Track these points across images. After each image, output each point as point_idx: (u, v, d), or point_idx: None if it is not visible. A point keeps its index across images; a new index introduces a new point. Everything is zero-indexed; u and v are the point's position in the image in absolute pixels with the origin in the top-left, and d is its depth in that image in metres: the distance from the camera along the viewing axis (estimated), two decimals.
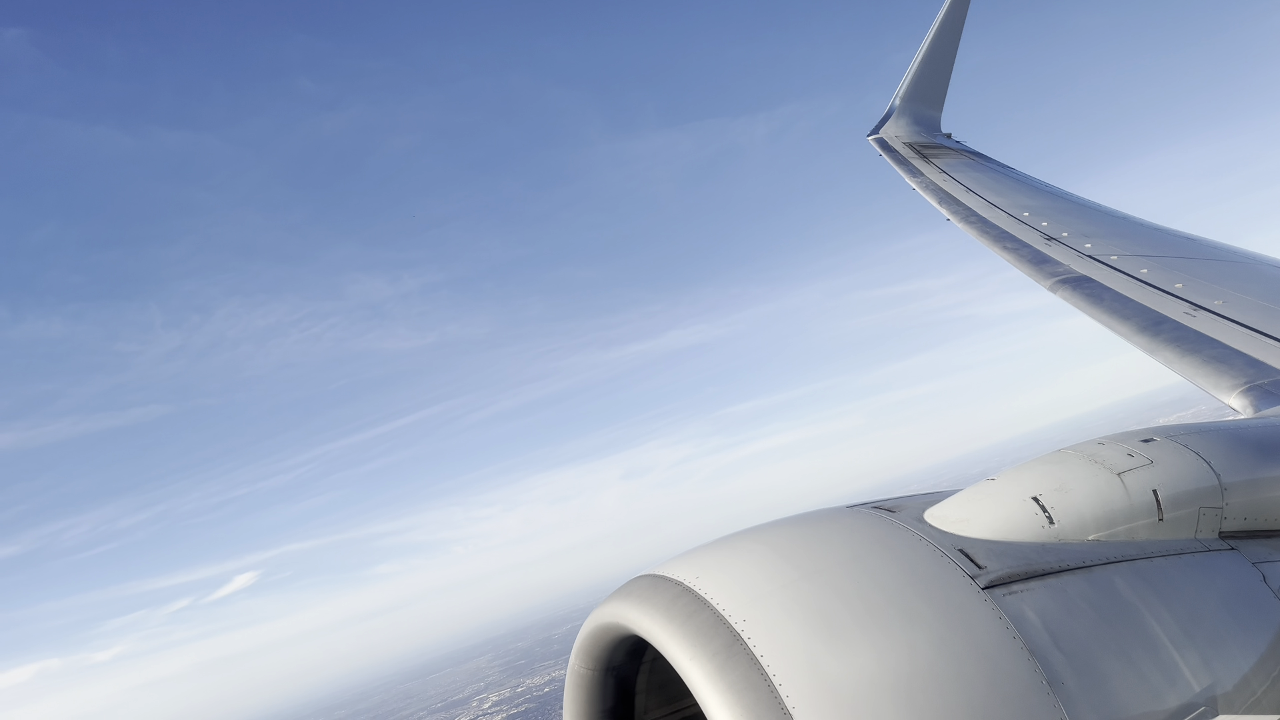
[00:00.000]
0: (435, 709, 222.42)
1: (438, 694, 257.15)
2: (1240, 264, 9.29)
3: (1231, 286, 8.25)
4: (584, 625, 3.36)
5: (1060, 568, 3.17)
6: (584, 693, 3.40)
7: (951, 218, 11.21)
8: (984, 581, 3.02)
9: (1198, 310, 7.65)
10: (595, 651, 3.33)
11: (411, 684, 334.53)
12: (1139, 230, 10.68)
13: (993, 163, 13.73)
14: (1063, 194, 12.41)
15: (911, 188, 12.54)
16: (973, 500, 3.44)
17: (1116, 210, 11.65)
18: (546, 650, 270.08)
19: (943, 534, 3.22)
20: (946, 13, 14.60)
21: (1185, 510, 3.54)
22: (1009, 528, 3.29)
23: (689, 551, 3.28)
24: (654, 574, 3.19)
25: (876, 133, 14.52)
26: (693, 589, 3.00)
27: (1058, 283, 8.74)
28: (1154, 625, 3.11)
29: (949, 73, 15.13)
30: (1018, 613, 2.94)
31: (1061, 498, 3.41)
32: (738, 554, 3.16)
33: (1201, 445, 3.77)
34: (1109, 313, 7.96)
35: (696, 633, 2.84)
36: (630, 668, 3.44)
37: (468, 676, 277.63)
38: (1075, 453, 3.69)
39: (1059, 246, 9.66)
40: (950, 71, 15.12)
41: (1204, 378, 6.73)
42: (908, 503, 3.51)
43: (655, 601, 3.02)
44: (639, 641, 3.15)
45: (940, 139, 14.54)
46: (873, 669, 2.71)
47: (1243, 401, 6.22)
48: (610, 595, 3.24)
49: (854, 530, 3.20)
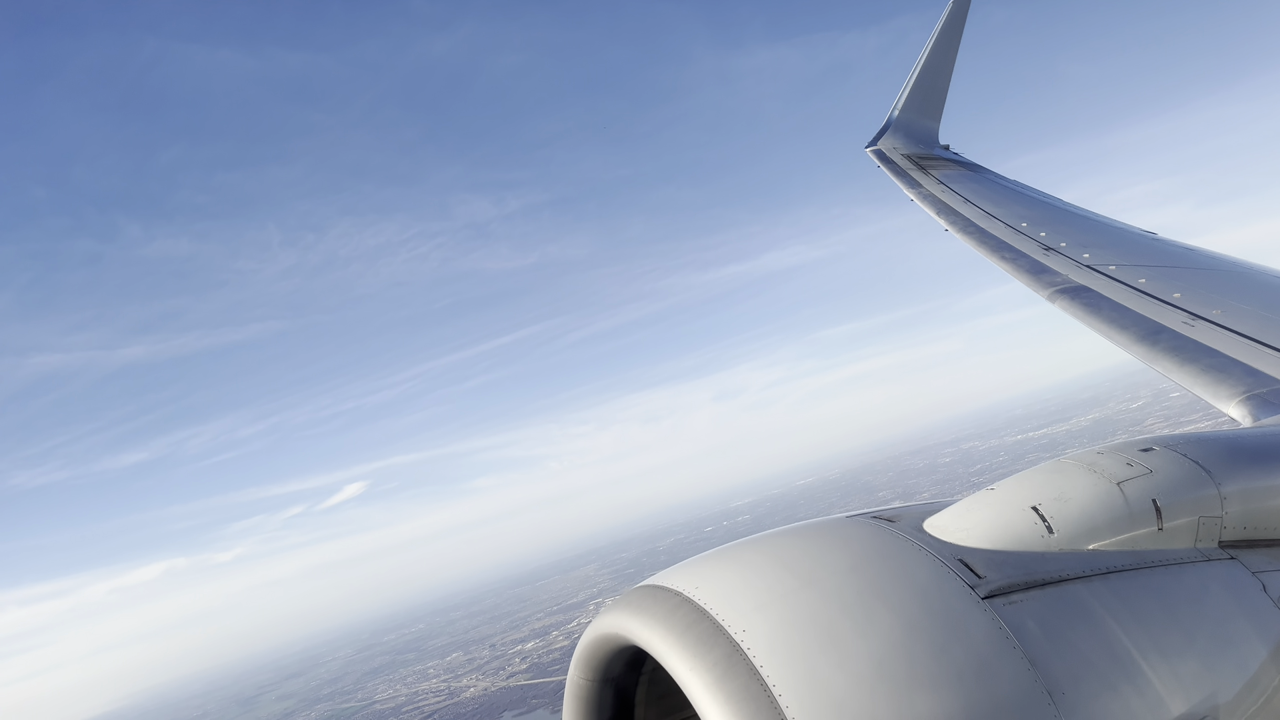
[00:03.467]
0: (551, 611, 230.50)
1: (550, 599, 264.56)
2: (1238, 274, 9.27)
3: (1229, 296, 8.21)
4: (583, 636, 3.35)
5: (1060, 577, 3.16)
6: (583, 704, 3.40)
7: (950, 228, 11.24)
8: (984, 591, 3.00)
9: (1196, 320, 7.59)
10: (594, 662, 3.31)
11: (521, 589, 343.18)
12: (1137, 241, 10.69)
13: (990, 174, 13.79)
14: (1060, 205, 12.46)
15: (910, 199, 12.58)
16: (972, 510, 3.45)
17: (1114, 221, 11.67)
18: (654, 561, 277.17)
19: (942, 543, 3.22)
20: (944, 26, 14.65)
21: (1185, 520, 3.53)
22: (1008, 537, 3.28)
23: (687, 561, 3.31)
24: (653, 584, 3.20)
25: (874, 144, 14.54)
26: (692, 599, 2.99)
27: (1056, 292, 8.72)
28: (1154, 635, 3.09)
29: (947, 85, 15.18)
30: (1018, 622, 2.93)
31: (1061, 507, 3.40)
32: (737, 564, 3.16)
33: (1200, 454, 3.76)
34: (1107, 322, 7.93)
35: (696, 643, 2.83)
36: (629, 678, 3.44)
37: (577, 583, 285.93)
38: (1074, 462, 3.71)
39: (1057, 256, 9.64)
40: (948, 84, 15.18)
41: (1202, 387, 6.71)
42: (907, 512, 3.51)
43: (654, 612, 3.00)
44: (638, 652, 3.13)
45: (938, 151, 14.59)
46: (872, 679, 2.69)
47: (1241, 411, 6.21)
48: (608, 606, 3.24)
49: (853, 540, 3.20)
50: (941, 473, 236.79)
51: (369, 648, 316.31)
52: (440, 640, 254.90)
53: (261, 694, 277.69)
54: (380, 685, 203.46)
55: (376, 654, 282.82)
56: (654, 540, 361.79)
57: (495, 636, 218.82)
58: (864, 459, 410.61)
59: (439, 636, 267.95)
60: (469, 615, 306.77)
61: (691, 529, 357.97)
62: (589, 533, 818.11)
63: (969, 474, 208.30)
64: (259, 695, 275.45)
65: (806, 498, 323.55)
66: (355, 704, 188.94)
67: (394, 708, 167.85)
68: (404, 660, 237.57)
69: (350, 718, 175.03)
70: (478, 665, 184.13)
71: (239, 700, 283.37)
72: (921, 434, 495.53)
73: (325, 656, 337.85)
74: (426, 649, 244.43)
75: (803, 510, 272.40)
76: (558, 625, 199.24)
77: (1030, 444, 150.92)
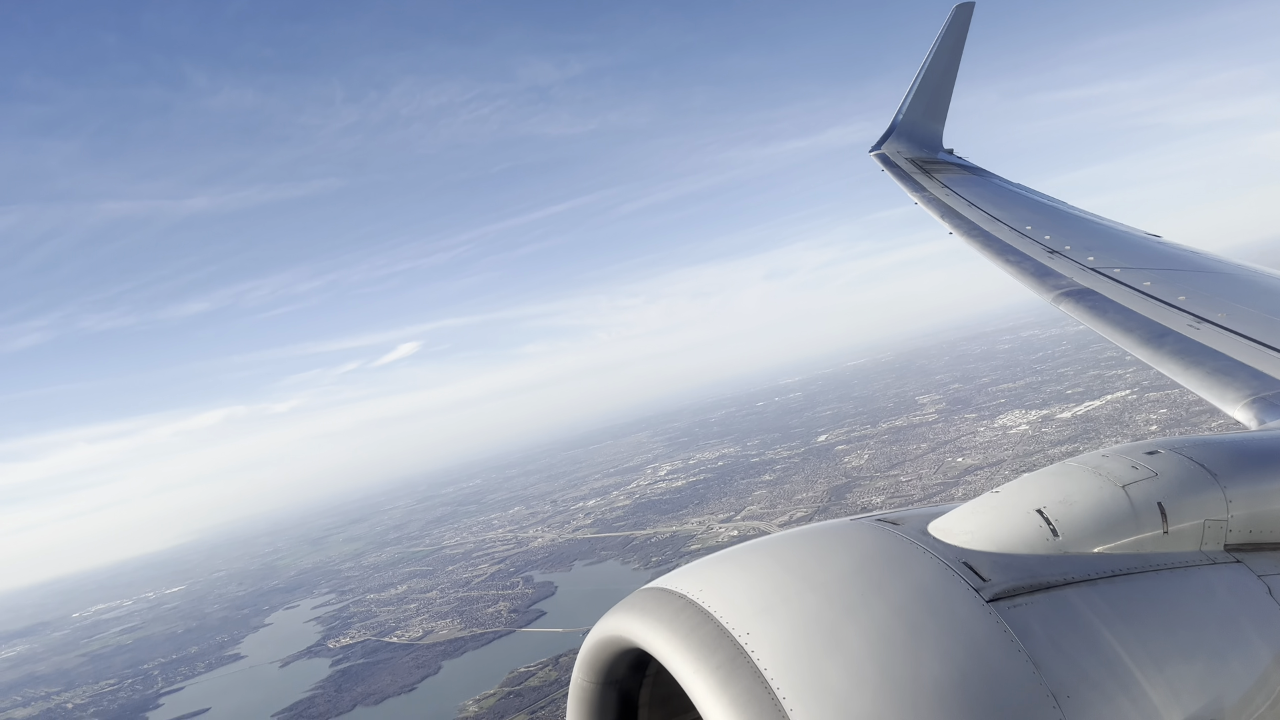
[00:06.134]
0: (609, 473, 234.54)
1: (606, 461, 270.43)
2: (1243, 278, 9.25)
3: (1234, 299, 8.21)
4: (587, 638, 3.33)
5: (1065, 580, 3.16)
6: (586, 706, 3.40)
7: (955, 231, 11.25)
8: (988, 594, 3.00)
9: (1201, 323, 7.57)
10: (598, 665, 3.32)
11: (574, 451, 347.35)
12: (1141, 244, 10.67)
13: (994, 178, 13.80)
14: (1065, 208, 12.42)
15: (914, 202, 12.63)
16: (976, 513, 3.44)
17: (1119, 224, 11.65)
18: (706, 431, 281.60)
19: (947, 546, 3.22)
20: (947, 31, 14.68)
21: (1190, 523, 3.52)
22: (1013, 540, 3.28)
23: (692, 565, 3.30)
24: (657, 587, 3.18)
25: (879, 148, 14.65)
26: (696, 602, 2.99)
27: (1061, 295, 8.72)
28: (1159, 638, 3.08)
29: (950, 90, 15.21)
30: (1022, 625, 2.93)
31: (1066, 510, 3.40)
32: (741, 567, 3.17)
33: (1206, 457, 3.75)
34: (1113, 325, 7.93)
35: (700, 646, 2.84)
36: (633, 681, 3.44)
37: (631, 449, 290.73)
38: (1079, 465, 3.71)
39: (1062, 260, 9.63)
40: (952, 88, 15.20)
41: (1208, 390, 6.69)
42: (911, 515, 3.51)
43: (659, 615, 3.01)
44: (642, 655, 3.13)
45: (942, 155, 14.66)
46: (877, 682, 2.69)
47: (1247, 414, 6.19)
48: (613, 608, 3.22)
49: (858, 543, 3.20)
50: (1000, 359, 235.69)
51: (428, 499, 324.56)
52: (499, 495, 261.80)
53: (328, 535, 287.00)
54: (446, 533, 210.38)
55: (436, 505, 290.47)
56: (704, 413, 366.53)
57: (555, 494, 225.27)
58: (918, 343, 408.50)
59: (497, 491, 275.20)
60: (525, 473, 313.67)
61: (741, 403, 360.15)
62: (638, 402, 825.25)
63: (1029, 361, 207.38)
64: (326, 536, 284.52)
65: (859, 378, 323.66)
66: (424, 548, 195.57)
67: (463, 553, 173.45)
68: (466, 511, 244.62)
69: (421, 560, 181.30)
70: (541, 519, 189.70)
71: (307, 540, 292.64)
72: (978, 320, 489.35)
73: (385, 505, 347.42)
74: (487, 502, 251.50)
75: (856, 390, 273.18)
76: (617, 486, 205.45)
77: (1092, 335, 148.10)
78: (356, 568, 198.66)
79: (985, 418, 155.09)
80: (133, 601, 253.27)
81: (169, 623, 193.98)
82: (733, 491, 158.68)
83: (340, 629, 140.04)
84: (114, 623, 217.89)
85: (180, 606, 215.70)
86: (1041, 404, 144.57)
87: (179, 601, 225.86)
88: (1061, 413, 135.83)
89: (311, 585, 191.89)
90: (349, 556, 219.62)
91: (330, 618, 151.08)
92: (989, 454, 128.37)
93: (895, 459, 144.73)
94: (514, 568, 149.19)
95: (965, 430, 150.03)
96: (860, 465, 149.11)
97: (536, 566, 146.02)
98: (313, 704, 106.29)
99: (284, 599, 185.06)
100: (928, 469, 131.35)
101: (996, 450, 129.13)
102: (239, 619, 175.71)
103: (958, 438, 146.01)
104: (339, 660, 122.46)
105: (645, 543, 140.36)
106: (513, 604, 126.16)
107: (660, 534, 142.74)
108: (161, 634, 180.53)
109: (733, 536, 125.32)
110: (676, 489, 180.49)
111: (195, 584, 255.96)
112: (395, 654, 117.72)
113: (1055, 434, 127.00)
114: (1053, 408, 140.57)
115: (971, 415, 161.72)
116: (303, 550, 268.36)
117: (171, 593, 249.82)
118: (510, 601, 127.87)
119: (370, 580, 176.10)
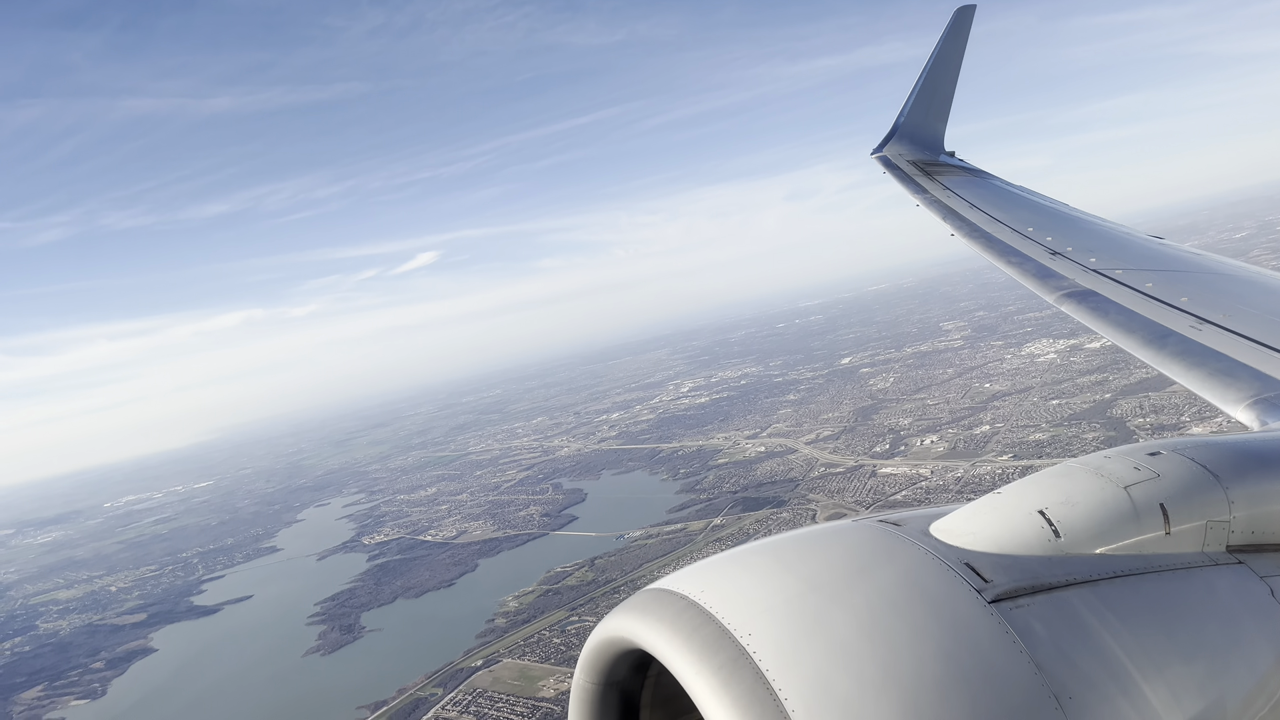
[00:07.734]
0: (630, 388, 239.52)
1: (626, 377, 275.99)
2: (1244, 279, 9.29)
3: (1236, 300, 8.25)
4: (589, 639, 3.34)
5: (1067, 581, 3.16)
6: (587, 707, 3.42)
7: (956, 233, 11.27)
8: (990, 595, 3.01)
9: (1203, 324, 7.59)
10: (599, 665, 3.32)
11: (594, 366, 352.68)
12: (1143, 246, 10.65)
13: (995, 180, 13.81)
14: (1066, 210, 12.45)
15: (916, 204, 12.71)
16: (978, 514, 3.45)
17: (1120, 226, 11.65)
18: (727, 350, 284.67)
19: (948, 547, 3.23)
20: (948, 34, 14.77)
21: (1192, 524, 3.53)
22: (1015, 541, 3.29)
23: (694, 565, 3.32)
24: (658, 588, 3.19)
25: (880, 150, 14.73)
26: (698, 603, 3.00)
27: (1063, 296, 8.76)
28: (1161, 639, 3.09)
29: (952, 92, 15.26)
30: (1024, 626, 2.93)
31: (1068, 511, 3.40)
32: (743, 568, 3.19)
33: (1208, 458, 3.76)
34: (1115, 326, 7.96)
35: (701, 647, 2.84)
36: (634, 682, 3.45)
37: (651, 365, 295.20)
38: (1081, 466, 3.72)
39: (1063, 261, 9.67)
40: (953, 91, 15.25)
41: (1211, 391, 6.71)
42: (913, 516, 3.52)
43: (660, 615, 3.01)
44: (643, 656, 3.14)
45: (944, 157, 14.68)
46: (878, 683, 2.70)
47: (1250, 415, 6.18)
48: (615, 609, 3.24)
49: (859, 544, 3.22)
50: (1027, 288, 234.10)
51: (449, 406, 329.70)
52: (522, 405, 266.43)
53: (352, 438, 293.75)
54: (470, 439, 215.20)
55: (459, 412, 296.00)
56: (724, 332, 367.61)
57: (578, 406, 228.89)
58: (941, 269, 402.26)
59: (519, 401, 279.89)
60: (545, 385, 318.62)
61: (761, 324, 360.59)
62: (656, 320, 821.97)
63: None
64: (350, 439, 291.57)
65: (880, 303, 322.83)
66: (450, 453, 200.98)
67: (490, 459, 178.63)
68: (489, 420, 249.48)
69: (448, 464, 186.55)
70: (566, 429, 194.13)
71: (331, 441, 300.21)
72: None
73: (407, 411, 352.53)
74: (510, 412, 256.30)
75: (878, 315, 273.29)
76: (639, 400, 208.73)
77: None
78: (384, 469, 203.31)
79: (1012, 345, 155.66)
80: (162, 494, 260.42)
81: (201, 515, 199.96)
82: (758, 409, 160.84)
83: (374, 526, 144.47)
84: (146, 513, 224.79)
85: (211, 500, 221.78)
86: (1070, 334, 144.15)
87: (209, 496, 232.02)
88: (1090, 343, 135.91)
89: (340, 485, 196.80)
90: (375, 459, 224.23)
91: (362, 515, 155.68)
92: (1017, 380, 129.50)
93: (921, 383, 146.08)
94: (542, 474, 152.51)
95: (992, 357, 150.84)
96: (886, 388, 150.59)
97: (564, 474, 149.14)
98: (354, 595, 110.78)
99: (314, 497, 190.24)
100: (955, 393, 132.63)
101: (1024, 377, 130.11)
102: (271, 514, 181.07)
103: (985, 364, 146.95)
104: (375, 555, 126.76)
105: (672, 455, 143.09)
106: (544, 508, 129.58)
107: (686, 447, 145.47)
108: (195, 525, 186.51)
109: (760, 452, 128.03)
110: (700, 405, 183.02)
111: (223, 479, 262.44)
112: (431, 551, 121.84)
113: (1084, 364, 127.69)
114: (1081, 338, 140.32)
115: (998, 342, 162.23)
116: (327, 451, 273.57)
117: (200, 487, 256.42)
118: (541, 506, 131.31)
119: (399, 482, 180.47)
